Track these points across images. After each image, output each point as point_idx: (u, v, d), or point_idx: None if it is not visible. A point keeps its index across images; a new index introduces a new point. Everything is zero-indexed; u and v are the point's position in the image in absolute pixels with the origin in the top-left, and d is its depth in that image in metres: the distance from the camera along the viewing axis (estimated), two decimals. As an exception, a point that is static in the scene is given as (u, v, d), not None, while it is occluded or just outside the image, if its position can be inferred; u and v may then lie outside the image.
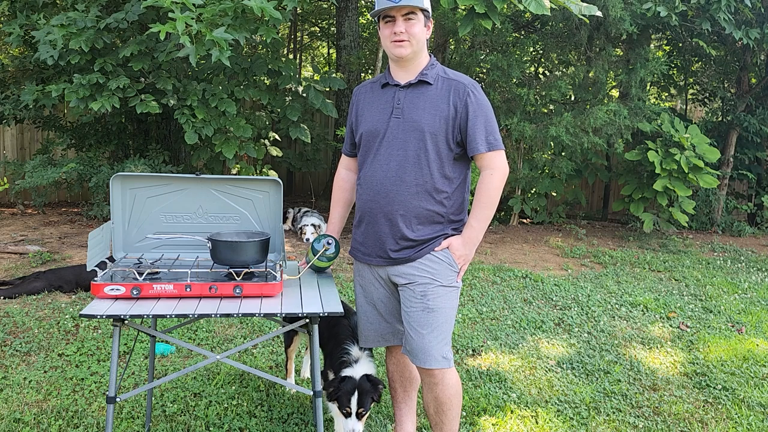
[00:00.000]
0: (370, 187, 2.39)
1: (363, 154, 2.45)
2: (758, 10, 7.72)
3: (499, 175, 2.33)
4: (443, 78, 2.35)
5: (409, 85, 2.35)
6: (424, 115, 2.31)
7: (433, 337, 2.35)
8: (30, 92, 6.13)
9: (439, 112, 2.31)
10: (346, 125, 2.58)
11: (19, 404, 3.08)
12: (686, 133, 7.76)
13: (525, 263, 6.55)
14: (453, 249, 2.37)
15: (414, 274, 2.36)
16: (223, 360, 2.33)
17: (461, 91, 2.31)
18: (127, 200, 2.55)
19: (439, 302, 2.36)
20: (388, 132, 2.35)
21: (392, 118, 2.35)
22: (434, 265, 2.36)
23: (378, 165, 2.37)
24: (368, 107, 2.44)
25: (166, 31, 4.54)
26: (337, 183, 2.68)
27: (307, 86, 6.94)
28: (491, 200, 2.35)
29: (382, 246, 2.40)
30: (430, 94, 2.33)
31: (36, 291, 4.67)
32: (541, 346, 4.12)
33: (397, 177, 2.33)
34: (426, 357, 2.36)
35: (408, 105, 2.34)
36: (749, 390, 3.59)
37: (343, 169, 2.67)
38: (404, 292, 2.39)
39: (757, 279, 6.33)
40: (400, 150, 2.33)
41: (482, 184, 2.34)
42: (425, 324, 2.35)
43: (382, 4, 2.28)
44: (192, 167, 7.41)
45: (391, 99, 2.37)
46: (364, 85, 2.52)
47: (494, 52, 7.71)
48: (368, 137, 2.41)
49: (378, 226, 2.39)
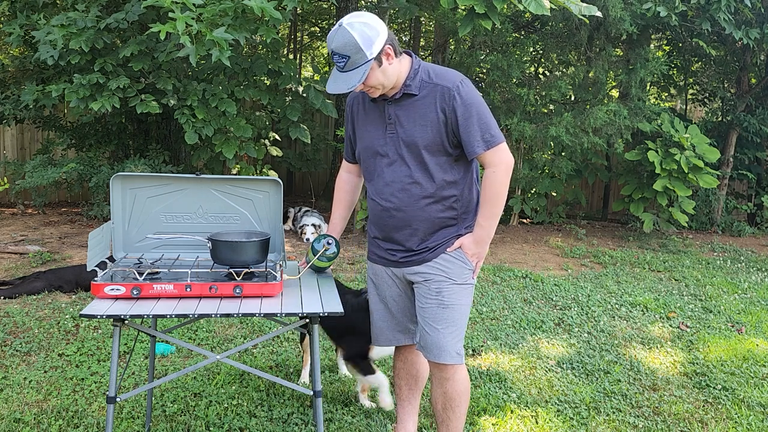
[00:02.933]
0: (382, 206, 2.40)
1: (365, 170, 2.47)
2: (758, 10, 7.72)
3: (502, 170, 2.30)
4: (427, 83, 2.29)
5: (396, 98, 2.31)
6: (416, 129, 2.30)
7: (448, 333, 2.40)
8: (30, 92, 6.13)
9: (429, 122, 2.28)
10: (345, 133, 2.58)
11: (19, 404, 3.08)
12: (686, 133, 7.76)
13: (525, 263, 6.55)
14: (465, 248, 2.40)
15: (429, 272, 2.40)
16: (223, 360, 2.33)
17: (447, 96, 2.25)
18: (127, 200, 2.55)
19: (453, 299, 2.40)
20: (387, 150, 2.35)
21: (387, 134, 2.35)
22: (448, 264, 2.40)
23: (384, 183, 2.37)
24: (362, 122, 2.43)
25: (166, 31, 4.55)
26: (339, 185, 2.69)
27: (307, 86, 6.94)
28: (498, 196, 2.32)
29: (396, 252, 2.44)
30: (418, 105, 2.30)
31: (36, 291, 4.67)
32: (541, 346, 4.12)
33: (404, 194, 2.34)
34: (440, 352, 2.40)
35: (399, 120, 2.32)
36: (749, 390, 3.59)
37: (345, 172, 2.68)
38: (419, 289, 2.43)
39: (757, 279, 6.33)
40: (403, 167, 2.33)
41: (487, 182, 2.32)
42: (440, 320, 2.39)
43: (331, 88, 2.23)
44: (192, 167, 7.41)
45: (382, 113, 2.35)
46: (356, 96, 2.47)
47: (494, 52, 7.71)
48: (367, 155, 2.42)
49: (393, 235, 2.42)
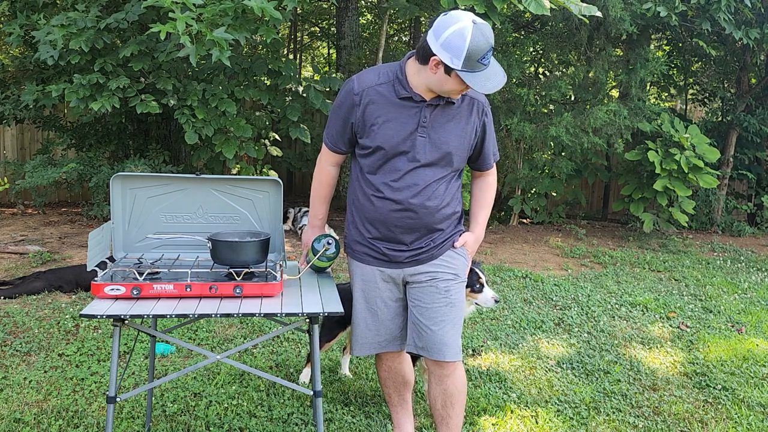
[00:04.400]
0: (396, 206, 2.32)
1: (379, 167, 2.32)
2: (758, 10, 7.72)
3: (495, 178, 2.59)
4: (464, 95, 2.29)
5: (435, 104, 2.26)
6: (450, 136, 2.28)
7: (454, 331, 2.43)
8: (30, 92, 6.13)
9: (464, 132, 2.32)
10: (339, 119, 2.35)
11: (19, 404, 3.08)
12: (686, 133, 7.76)
13: (525, 263, 6.55)
14: (468, 246, 2.50)
15: (437, 271, 2.41)
16: (223, 360, 2.33)
17: (480, 111, 2.35)
18: (127, 200, 2.55)
19: (459, 297, 2.45)
20: (414, 152, 2.27)
21: (417, 136, 2.26)
22: (456, 262, 2.44)
23: (405, 184, 2.30)
24: (386, 117, 2.26)
25: (166, 31, 4.54)
26: (325, 180, 2.52)
27: (307, 86, 6.93)
28: (493, 200, 2.60)
29: (404, 252, 2.40)
30: (454, 114, 2.29)
31: (36, 291, 4.67)
32: (541, 346, 4.12)
33: (425, 197, 2.31)
34: (444, 349, 2.40)
35: (434, 124, 2.27)
36: (749, 390, 3.59)
37: (331, 166, 2.50)
38: (425, 289, 2.40)
39: (757, 279, 6.33)
40: (427, 170, 2.29)
41: (489, 188, 2.56)
42: (448, 318, 2.41)
43: (494, 84, 2.13)
44: (192, 167, 7.41)
45: (415, 115, 2.26)
46: (373, 88, 2.28)
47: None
48: (389, 153, 2.29)
49: (399, 237, 2.38)
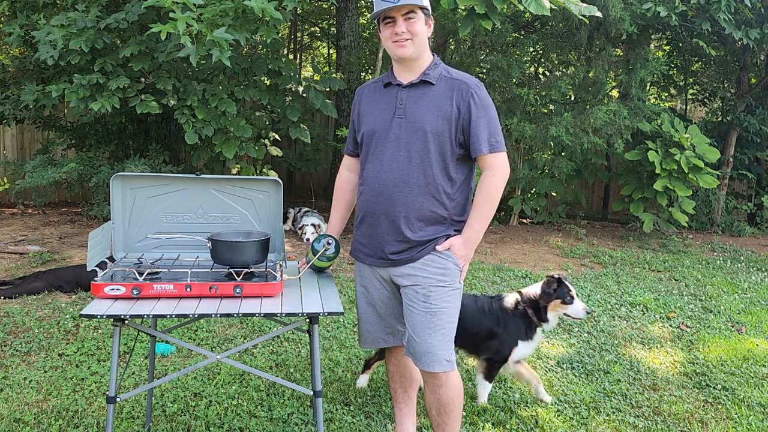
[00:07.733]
0: (373, 187, 2.37)
1: (365, 154, 2.43)
2: (758, 10, 7.72)
3: (501, 176, 2.33)
4: (446, 78, 2.33)
5: (412, 84, 2.33)
6: (426, 115, 2.30)
7: (437, 340, 2.33)
8: (30, 92, 6.14)
9: (441, 112, 2.29)
10: (349, 125, 2.57)
11: (19, 404, 3.08)
12: (686, 133, 7.76)
13: (525, 263, 6.55)
14: (454, 249, 2.35)
15: (417, 275, 2.34)
16: (223, 360, 2.33)
17: (464, 92, 2.29)
18: (127, 200, 2.55)
19: (442, 304, 2.33)
20: (390, 132, 2.34)
21: (395, 118, 2.34)
22: (437, 266, 2.33)
23: (381, 166, 2.35)
24: (370, 107, 2.43)
25: (166, 31, 4.54)
26: (339, 184, 2.66)
27: (307, 86, 6.94)
28: (492, 201, 2.34)
29: (382, 248, 2.38)
30: (433, 94, 2.31)
31: (36, 291, 4.67)
32: (541, 346, 4.12)
33: (400, 178, 2.31)
34: (430, 360, 2.34)
35: (410, 105, 2.32)
36: (749, 390, 3.59)
37: (345, 170, 2.66)
38: (407, 294, 2.37)
39: (757, 279, 6.33)
40: (403, 151, 2.32)
41: (483, 185, 2.33)
42: (428, 327, 2.32)
43: (380, 5, 2.26)
44: (192, 167, 7.41)
45: (393, 99, 2.36)
46: (367, 85, 2.51)
47: (494, 52, 7.72)
48: (370, 137, 2.40)
49: (379, 227, 2.37)
